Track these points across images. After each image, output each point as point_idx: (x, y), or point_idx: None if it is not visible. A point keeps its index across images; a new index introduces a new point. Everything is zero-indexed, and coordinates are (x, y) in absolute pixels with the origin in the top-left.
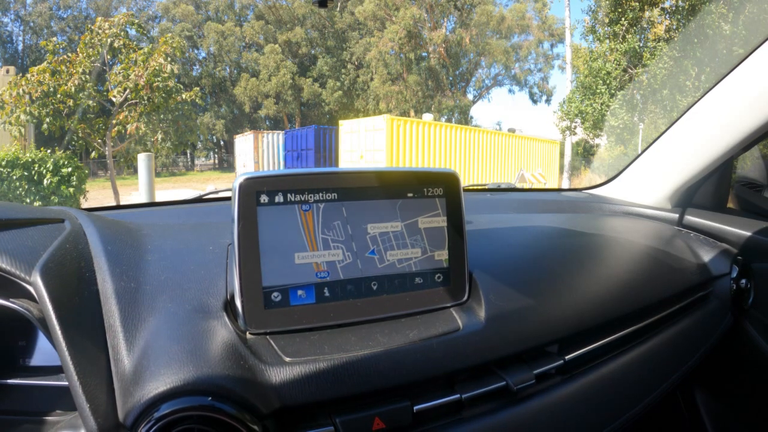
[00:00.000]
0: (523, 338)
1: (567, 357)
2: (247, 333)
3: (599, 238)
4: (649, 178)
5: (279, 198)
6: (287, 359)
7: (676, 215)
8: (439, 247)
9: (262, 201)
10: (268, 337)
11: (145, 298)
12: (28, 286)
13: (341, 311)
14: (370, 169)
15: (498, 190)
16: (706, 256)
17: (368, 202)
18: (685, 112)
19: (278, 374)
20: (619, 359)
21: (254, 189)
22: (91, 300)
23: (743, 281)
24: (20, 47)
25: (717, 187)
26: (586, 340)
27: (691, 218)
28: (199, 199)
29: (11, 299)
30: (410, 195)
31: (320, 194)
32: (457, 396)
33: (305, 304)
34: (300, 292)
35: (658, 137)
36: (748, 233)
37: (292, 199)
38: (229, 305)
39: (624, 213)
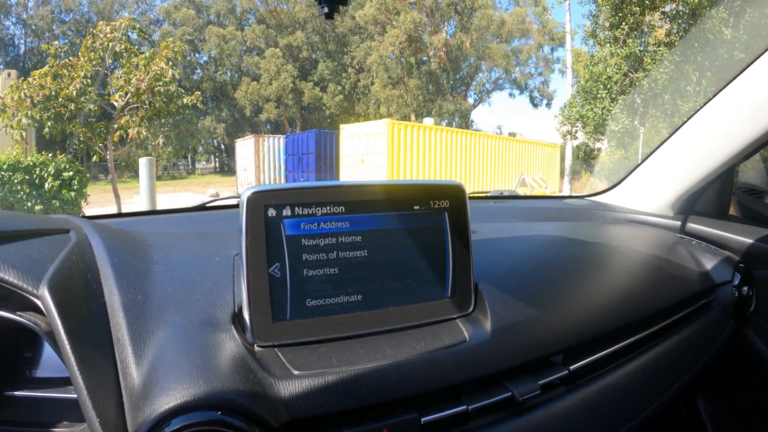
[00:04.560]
0: (528, 349)
1: (572, 367)
2: (255, 346)
3: (602, 247)
4: (651, 186)
5: (286, 211)
6: (296, 372)
7: (679, 223)
8: (445, 258)
9: (269, 214)
10: (276, 349)
11: (153, 311)
12: (35, 300)
13: (349, 323)
14: (377, 183)
15: (500, 197)
16: (709, 263)
17: (375, 216)
18: (687, 120)
19: (287, 387)
20: (623, 368)
21: (262, 202)
22: (99, 313)
23: (745, 288)
24: (22, 50)
25: (719, 194)
26: (590, 350)
27: (693, 225)
28: (202, 207)
29: (18, 312)
30: (417, 207)
31: (327, 207)
32: (464, 407)
33: (313, 316)
34: (308, 304)
35: (660, 144)
36: (750, 240)
37: (300, 213)
38: (237, 317)
39: (626, 220)
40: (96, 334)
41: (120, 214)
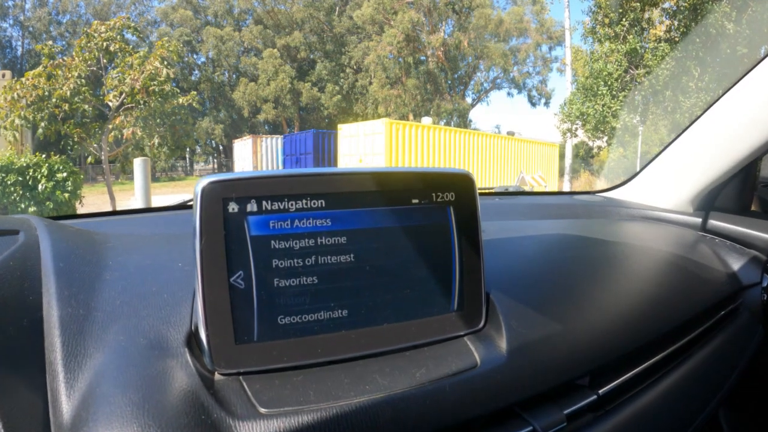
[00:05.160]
0: (552, 372)
1: (600, 391)
2: (216, 373)
3: (622, 247)
4: (668, 180)
5: (251, 206)
6: (262, 410)
7: (699, 219)
8: (450, 264)
9: (230, 210)
10: (241, 378)
11: (95, 328)
12: None
13: (331, 346)
14: (367, 170)
15: (507, 193)
16: (735, 264)
17: (363, 211)
18: (706, 110)
19: (250, 431)
20: (655, 388)
21: (221, 195)
22: (33, 330)
23: None
24: (19, 52)
25: (741, 188)
26: (619, 369)
27: (715, 222)
28: (183, 206)
29: None
30: (415, 201)
31: (303, 201)
32: None
33: (287, 337)
34: (280, 322)
35: (678, 136)
36: None
37: (268, 208)
38: (194, 338)
39: (643, 217)
40: (24, 357)
41: (93, 214)
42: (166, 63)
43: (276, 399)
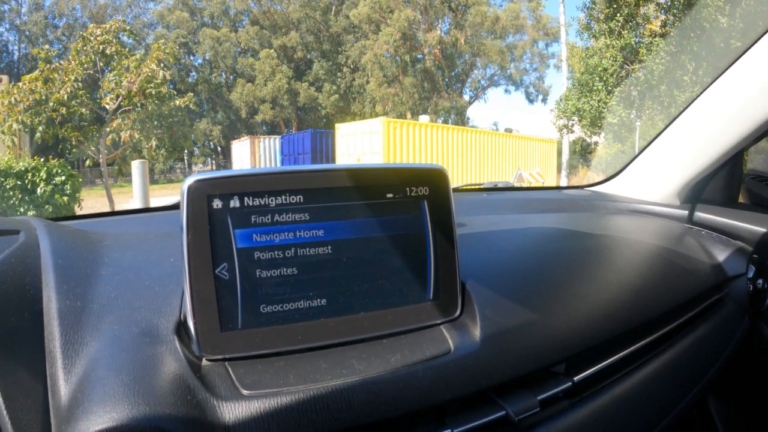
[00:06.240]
0: (525, 359)
1: (576, 378)
2: (203, 359)
3: (606, 239)
4: (655, 173)
5: (234, 202)
6: (245, 392)
7: (686, 212)
8: (425, 255)
9: (215, 206)
10: (226, 363)
11: (91, 318)
12: None
13: (310, 333)
14: (343, 167)
15: (494, 189)
16: (721, 255)
17: (340, 205)
18: (692, 102)
19: (233, 411)
20: (634, 376)
21: (205, 192)
22: (33, 322)
23: (760, 281)
24: (16, 56)
25: (727, 180)
26: (596, 357)
27: (701, 215)
28: (174, 206)
29: None
30: (390, 196)
31: (283, 197)
32: (448, 431)
33: (269, 324)
34: (262, 310)
35: (664, 129)
36: (764, 230)
37: (250, 204)
38: (182, 327)
39: (630, 210)
40: (25, 346)
41: (89, 215)
42: (162, 65)
43: (257, 382)
